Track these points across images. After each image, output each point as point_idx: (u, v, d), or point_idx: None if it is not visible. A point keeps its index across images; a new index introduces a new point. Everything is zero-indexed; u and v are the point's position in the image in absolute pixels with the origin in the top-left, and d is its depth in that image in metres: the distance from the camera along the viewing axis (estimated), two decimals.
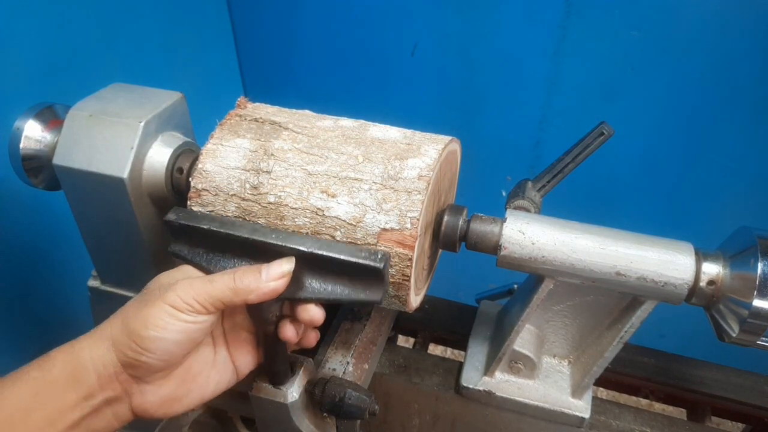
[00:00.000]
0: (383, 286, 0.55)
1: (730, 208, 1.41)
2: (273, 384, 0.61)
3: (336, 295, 0.55)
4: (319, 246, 0.55)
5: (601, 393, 1.10)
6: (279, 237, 0.56)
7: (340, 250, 0.54)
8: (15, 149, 0.66)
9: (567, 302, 0.68)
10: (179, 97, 0.69)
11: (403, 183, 0.57)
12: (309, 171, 0.59)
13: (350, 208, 0.57)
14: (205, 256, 0.58)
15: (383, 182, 0.57)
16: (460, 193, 0.75)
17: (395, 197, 0.56)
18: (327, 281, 0.56)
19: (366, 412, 0.60)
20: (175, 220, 0.58)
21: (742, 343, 0.56)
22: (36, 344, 1.07)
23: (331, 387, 0.61)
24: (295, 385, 0.60)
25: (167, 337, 0.51)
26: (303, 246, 0.55)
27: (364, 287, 0.55)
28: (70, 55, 1.04)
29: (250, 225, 0.57)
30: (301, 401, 0.61)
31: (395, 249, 0.56)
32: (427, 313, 0.90)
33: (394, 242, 0.56)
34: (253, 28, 1.57)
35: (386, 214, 0.56)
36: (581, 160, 0.67)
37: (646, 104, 1.35)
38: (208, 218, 0.58)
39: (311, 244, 0.55)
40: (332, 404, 0.60)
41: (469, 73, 1.45)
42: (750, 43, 1.20)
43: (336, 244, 0.55)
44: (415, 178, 0.57)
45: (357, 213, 0.56)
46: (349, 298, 0.55)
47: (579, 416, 0.70)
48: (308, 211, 0.58)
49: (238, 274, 0.53)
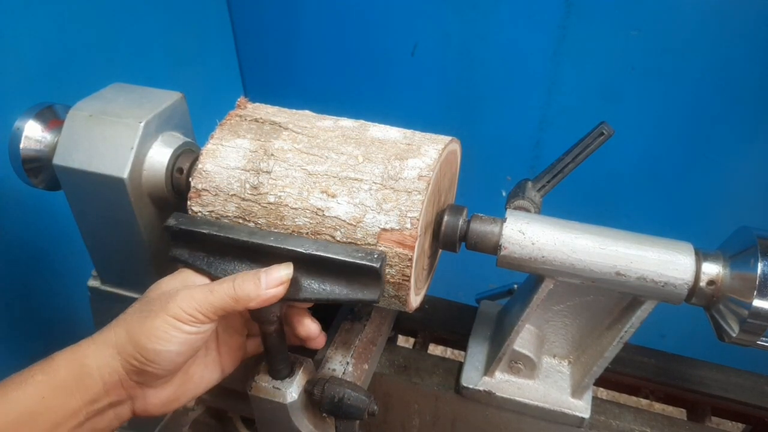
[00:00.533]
0: (380, 286, 0.55)
1: (730, 208, 1.41)
2: (273, 378, 0.62)
3: (335, 295, 0.56)
4: (316, 247, 0.55)
5: (601, 393, 1.10)
6: (277, 239, 0.56)
7: (338, 251, 0.55)
8: (15, 149, 0.66)
9: (567, 302, 0.68)
10: (179, 97, 0.69)
11: (403, 183, 0.57)
12: (309, 171, 0.59)
13: (350, 208, 0.57)
14: (206, 259, 0.59)
15: (383, 182, 0.57)
16: (460, 193, 0.75)
17: (395, 197, 0.56)
18: (325, 281, 0.56)
19: (365, 413, 0.60)
20: (175, 225, 0.58)
21: (742, 343, 0.56)
22: (36, 344, 1.07)
23: (330, 387, 0.61)
24: (294, 385, 0.61)
25: (171, 349, 0.52)
26: (301, 248, 0.55)
27: (361, 287, 0.55)
28: (70, 55, 1.04)
29: (249, 228, 0.58)
30: (300, 401, 0.61)
31: (395, 249, 0.56)
32: (427, 313, 0.90)
33: (394, 242, 0.56)
34: (253, 28, 1.57)
35: (386, 214, 0.56)
36: (581, 160, 0.67)
37: (646, 104, 1.35)
38: (208, 223, 0.59)
39: (309, 245, 0.56)
40: (331, 404, 0.61)
41: (469, 73, 1.45)
42: (750, 43, 1.20)
43: (333, 245, 0.56)
44: (415, 178, 0.57)
45: (357, 213, 0.56)
46: (348, 297, 0.56)
47: (579, 416, 0.70)
48: (308, 211, 0.58)
49: (238, 281, 0.54)
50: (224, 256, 0.58)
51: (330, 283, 0.56)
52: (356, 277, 0.55)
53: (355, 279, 0.55)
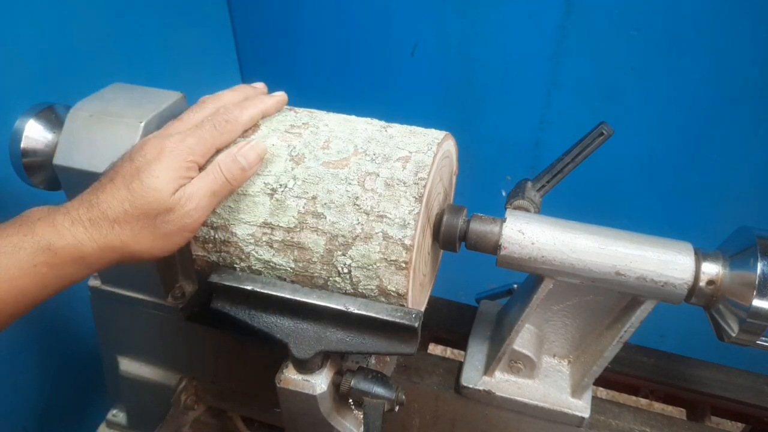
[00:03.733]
0: (416, 340, 0.58)
1: (729, 208, 1.41)
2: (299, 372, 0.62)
3: (375, 348, 0.59)
4: (358, 306, 0.57)
5: (601, 393, 1.10)
6: (320, 297, 0.58)
7: (379, 311, 0.57)
8: (15, 149, 0.66)
9: (567, 302, 0.68)
10: (179, 97, 0.69)
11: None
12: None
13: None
14: (248, 312, 0.61)
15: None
16: (460, 193, 0.75)
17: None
18: (365, 335, 0.59)
19: (393, 403, 0.61)
20: (219, 282, 0.60)
21: (741, 343, 0.56)
22: (36, 344, 1.07)
23: (357, 378, 0.62)
24: (323, 377, 0.61)
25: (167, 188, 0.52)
26: (343, 306, 0.57)
27: (399, 341, 0.58)
28: (70, 55, 1.04)
29: (291, 285, 0.60)
30: (328, 393, 0.62)
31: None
32: (427, 313, 0.90)
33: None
34: (253, 28, 1.57)
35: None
36: (581, 160, 0.67)
37: (646, 104, 1.35)
38: (250, 279, 0.60)
39: (351, 304, 0.58)
40: (359, 395, 0.62)
41: (469, 73, 1.45)
42: (750, 43, 1.20)
43: (374, 303, 0.58)
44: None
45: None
46: (387, 350, 0.59)
47: (579, 416, 0.70)
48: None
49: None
50: (266, 310, 0.60)
51: (369, 336, 0.59)
52: (395, 332, 0.58)
53: (393, 334, 0.58)
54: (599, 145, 0.67)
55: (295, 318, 0.60)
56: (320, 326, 0.59)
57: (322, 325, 0.59)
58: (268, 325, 0.60)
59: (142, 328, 0.80)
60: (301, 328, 0.59)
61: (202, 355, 0.81)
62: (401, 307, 0.58)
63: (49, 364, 1.11)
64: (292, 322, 0.59)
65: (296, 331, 0.59)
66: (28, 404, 1.11)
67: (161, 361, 0.84)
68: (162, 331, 0.80)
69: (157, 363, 0.84)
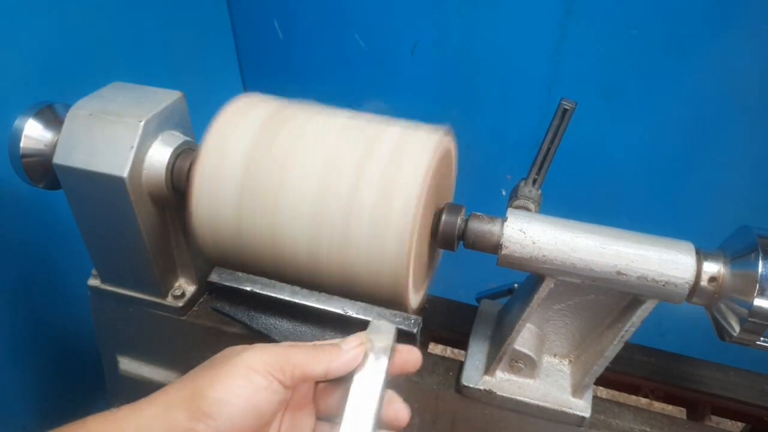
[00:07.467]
0: (415, 346, 0.57)
1: (730, 208, 1.41)
2: None
3: None
4: (357, 310, 0.58)
5: (601, 392, 1.10)
6: (319, 300, 0.59)
7: (377, 315, 0.58)
8: (15, 149, 0.66)
9: (567, 301, 0.68)
10: (179, 96, 0.69)
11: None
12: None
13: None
14: (247, 313, 0.61)
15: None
16: (460, 192, 0.74)
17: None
18: None
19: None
20: (218, 282, 0.61)
21: (742, 343, 0.56)
22: (36, 344, 1.07)
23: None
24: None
25: (235, 402, 0.45)
26: (341, 309, 0.58)
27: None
28: (70, 54, 1.04)
29: (291, 287, 0.60)
30: None
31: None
32: (427, 313, 0.90)
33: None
34: (253, 28, 1.57)
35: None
36: (559, 140, 0.68)
37: (646, 104, 1.35)
38: (250, 279, 0.61)
39: (349, 307, 0.58)
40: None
41: (469, 73, 1.45)
42: (750, 43, 1.20)
43: (372, 307, 0.58)
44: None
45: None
46: None
47: (579, 415, 0.70)
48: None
49: (317, 345, 0.49)
50: (265, 312, 0.61)
51: None
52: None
53: None
54: (569, 121, 0.67)
55: (294, 320, 0.60)
56: (319, 329, 0.59)
57: (320, 328, 0.59)
58: (267, 327, 0.60)
59: (142, 327, 0.80)
60: (300, 331, 0.60)
61: (202, 355, 0.81)
62: (400, 312, 0.58)
63: (49, 363, 1.11)
64: (291, 325, 0.60)
65: (295, 334, 0.60)
66: (28, 404, 1.11)
67: (161, 361, 0.84)
68: (162, 331, 0.80)
69: (157, 362, 0.84)
